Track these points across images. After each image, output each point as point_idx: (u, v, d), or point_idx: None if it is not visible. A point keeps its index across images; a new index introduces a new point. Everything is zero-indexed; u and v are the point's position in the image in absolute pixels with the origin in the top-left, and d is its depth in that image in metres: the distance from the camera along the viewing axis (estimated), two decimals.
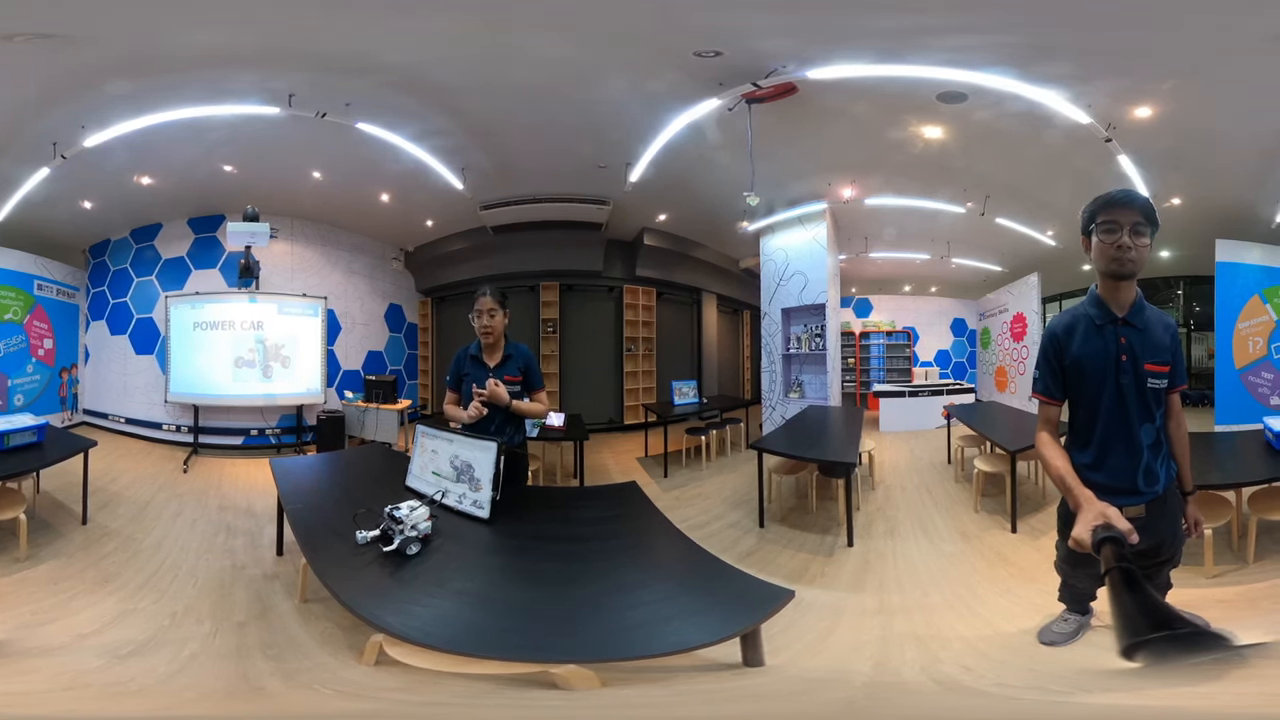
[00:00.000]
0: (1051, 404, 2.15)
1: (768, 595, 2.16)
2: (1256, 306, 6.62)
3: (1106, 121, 4.58)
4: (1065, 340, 2.10)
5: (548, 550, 2.68)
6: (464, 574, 2.39)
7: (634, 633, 1.96)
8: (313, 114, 4.86)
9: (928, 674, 2.35)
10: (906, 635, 2.76)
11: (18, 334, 7.29)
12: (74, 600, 3.32)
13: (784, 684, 2.09)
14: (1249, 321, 6.63)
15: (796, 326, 8.06)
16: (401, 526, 2.44)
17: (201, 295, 7.47)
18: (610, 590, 2.26)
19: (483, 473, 2.94)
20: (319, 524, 2.85)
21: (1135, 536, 1.38)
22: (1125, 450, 2.04)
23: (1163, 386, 2.06)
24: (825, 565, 3.84)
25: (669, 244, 8.88)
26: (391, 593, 2.17)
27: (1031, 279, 9.30)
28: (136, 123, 4.96)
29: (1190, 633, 1.02)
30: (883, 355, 12.41)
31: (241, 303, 7.35)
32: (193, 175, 6.34)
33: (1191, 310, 10.40)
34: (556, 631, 1.98)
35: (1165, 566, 2.21)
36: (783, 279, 7.98)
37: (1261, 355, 6.58)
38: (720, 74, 4.15)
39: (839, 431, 5.65)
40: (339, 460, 4.99)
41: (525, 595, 2.25)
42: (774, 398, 8.18)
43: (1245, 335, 6.62)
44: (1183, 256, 8.86)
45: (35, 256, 7.55)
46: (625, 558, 2.61)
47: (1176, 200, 6.35)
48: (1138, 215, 1.92)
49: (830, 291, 7.60)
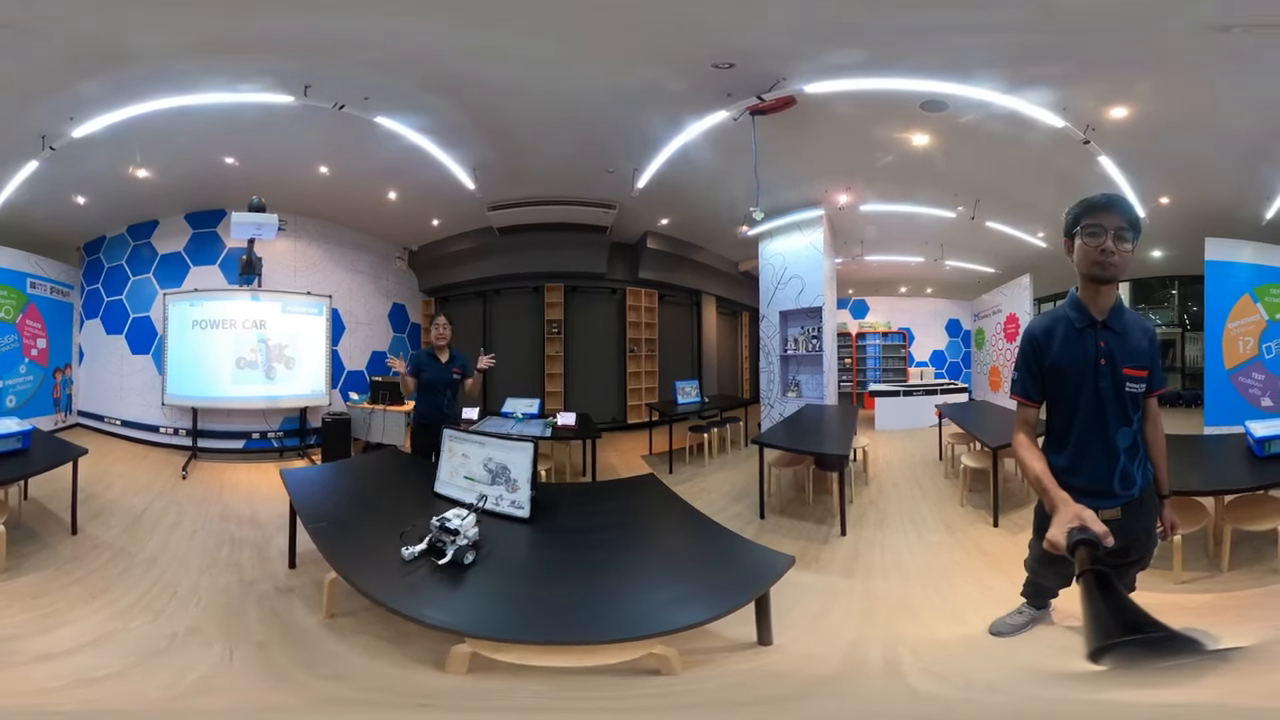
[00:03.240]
0: (1030, 405, 2.01)
1: (774, 562, 2.39)
2: (1247, 305, 6.11)
3: (1084, 124, 4.36)
4: (1044, 343, 1.96)
5: (592, 540, 2.69)
6: (522, 573, 2.43)
7: (677, 606, 2.08)
8: (329, 105, 4.21)
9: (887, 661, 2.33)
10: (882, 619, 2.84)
11: (10, 334, 6.49)
12: (50, 617, 2.80)
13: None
14: (1239, 321, 6.12)
15: (794, 328, 7.77)
16: (455, 537, 2.33)
17: (201, 292, 6.56)
18: (653, 569, 2.45)
19: (519, 473, 2.89)
20: (351, 543, 2.58)
21: (1111, 540, 1.29)
22: (1102, 453, 1.92)
23: (1141, 390, 1.93)
24: (820, 552, 3.82)
25: (670, 247, 8.49)
26: (467, 602, 2.13)
27: (1024, 280, 8.96)
28: (128, 111, 4.26)
29: (1164, 636, 0.91)
30: (879, 355, 11.95)
31: (243, 301, 6.47)
32: (192, 168, 5.56)
33: (1187, 310, 10.00)
34: (619, 613, 2.07)
35: (1132, 568, 2.07)
36: (780, 283, 7.69)
37: (1252, 355, 6.06)
38: (731, 85, 4.04)
39: (834, 428, 5.52)
40: (353, 469, 4.31)
41: (582, 583, 2.29)
42: (772, 397, 7.88)
43: (1235, 335, 6.11)
44: (1176, 256, 8.47)
45: (28, 254, 6.77)
46: (660, 540, 2.81)
47: (1165, 199, 5.97)
48: (1121, 220, 1.81)
49: (826, 295, 7.37)
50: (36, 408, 6.66)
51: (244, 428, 6.54)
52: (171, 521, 4.29)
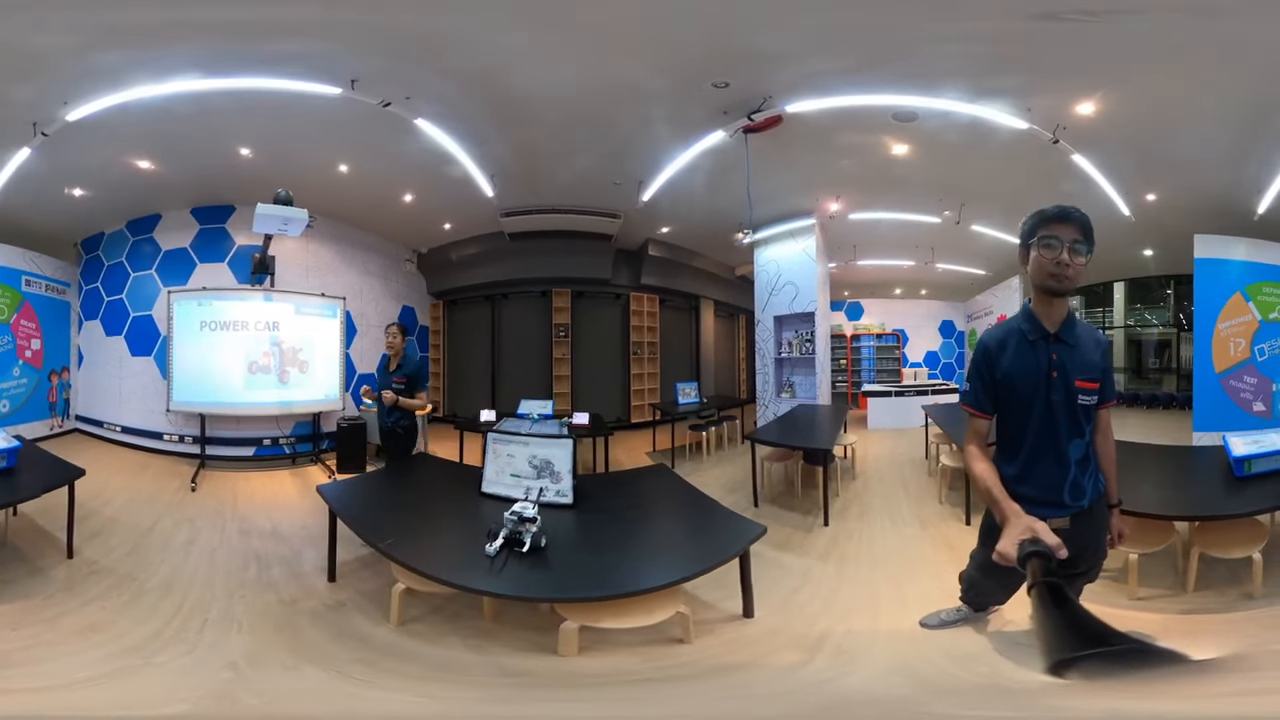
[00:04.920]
0: (981, 417, 1.93)
1: (751, 530, 2.73)
2: (1238, 305, 5.56)
3: (1054, 124, 4.17)
4: (997, 354, 1.89)
5: (626, 518, 3.05)
6: (582, 549, 2.69)
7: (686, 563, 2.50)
8: (375, 101, 3.82)
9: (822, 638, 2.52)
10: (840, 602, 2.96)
11: (4, 334, 5.88)
12: (31, 649, 2.40)
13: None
14: (1230, 321, 5.57)
15: (788, 332, 7.69)
16: (530, 525, 2.48)
17: (210, 291, 5.95)
18: (667, 537, 2.94)
19: (561, 466, 3.12)
20: (428, 554, 2.59)
21: (1064, 552, 1.20)
22: (1054, 464, 1.85)
23: (1093, 403, 1.86)
24: (804, 539, 3.88)
25: (670, 254, 8.43)
26: (555, 576, 2.38)
27: (1013, 281, 8.80)
28: (130, 94, 3.72)
29: (1132, 648, 0.83)
30: (873, 356, 11.68)
31: (255, 301, 5.91)
32: (201, 159, 5.00)
33: (1183, 309, 9.59)
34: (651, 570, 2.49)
35: (1080, 579, 1.98)
36: (775, 289, 7.60)
37: (1244, 358, 5.55)
38: (727, 104, 4.08)
39: (822, 427, 5.51)
40: (387, 480, 4.08)
41: (623, 551, 2.68)
42: (767, 397, 7.81)
43: (1226, 336, 5.57)
44: (1168, 255, 7.99)
45: (22, 250, 6.11)
46: (672, 515, 3.19)
47: (1151, 196, 5.57)
48: (1077, 233, 1.72)
49: (819, 299, 7.27)
50: (30, 413, 6.03)
51: (254, 434, 5.96)
52: (184, 539, 3.77)
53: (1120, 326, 10.87)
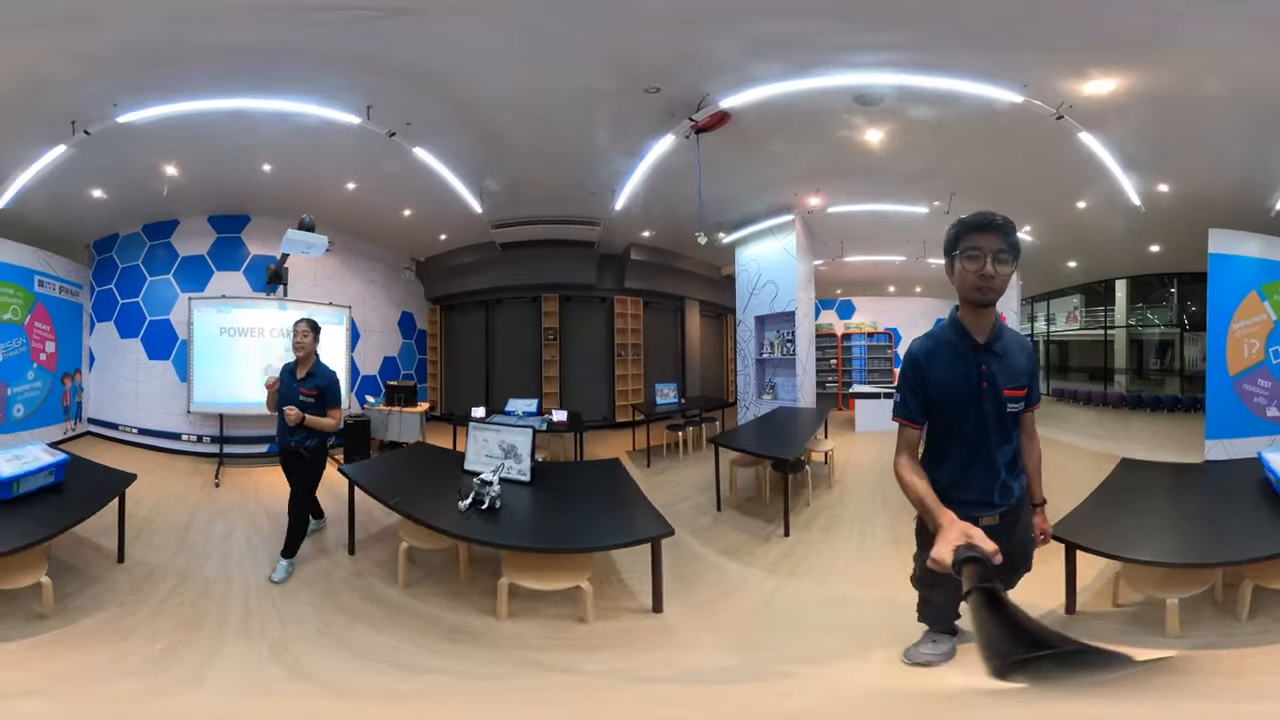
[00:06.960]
0: (913, 427, 1.89)
1: (663, 527, 2.91)
2: (1254, 304, 5.11)
3: (1057, 100, 3.75)
4: (927, 366, 1.87)
5: (570, 497, 3.58)
6: (529, 514, 3.27)
7: (608, 535, 3.07)
8: (384, 131, 4.18)
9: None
10: (761, 619, 2.89)
11: (18, 336, 5.79)
12: (159, 660, 2.44)
13: None
14: (1245, 321, 5.11)
15: (770, 332, 7.64)
16: (489, 488, 3.12)
17: (229, 299, 6.26)
18: (604, 515, 3.34)
19: (523, 450, 3.68)
20: (422, 507, 3.19)
21: (1000, 558, 1.20)
22: (985, 471, 1.89)
23: (1020, 409, 1.91)
24: (756, 548, 3.80)
25: (653, 257, 8.57)
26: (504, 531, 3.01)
27: (1012, 279, 8.81)
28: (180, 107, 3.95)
29: (1078, 650, 0.85)
30: (864, 356, 11.39)
31: (270, 309, 6.23)
32: (225, 170, 5.27)
33: (1185, 309, 8.83)
34: (581, 536, 3.02)
35: (1015, 573, 2.05)
36: (755, 288, 7.57)
37: (1259, 360, 5.08)
38: (668, 107, 4.02)
39: (797, 432, 5.35)
40: (393, 462, 4.99)
41: (564, 521, 3.27)
42: (748, 399, 7.79)
43: (1240, 337, 5.11)
44: (1175, 251, 7.47)
45: (35, 249, 6.00)
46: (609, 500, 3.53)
47: (1164, 187, 5.19)
48: (1000, 242, 1.69)
49: (801, 298, 7.14)
50: (46, 417, 6.09)
51: (268, 432, 6.14)
52: (222, 532, 4.11)
53: (1122, 326, 10.36)
